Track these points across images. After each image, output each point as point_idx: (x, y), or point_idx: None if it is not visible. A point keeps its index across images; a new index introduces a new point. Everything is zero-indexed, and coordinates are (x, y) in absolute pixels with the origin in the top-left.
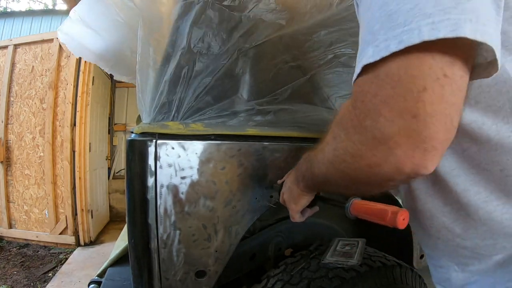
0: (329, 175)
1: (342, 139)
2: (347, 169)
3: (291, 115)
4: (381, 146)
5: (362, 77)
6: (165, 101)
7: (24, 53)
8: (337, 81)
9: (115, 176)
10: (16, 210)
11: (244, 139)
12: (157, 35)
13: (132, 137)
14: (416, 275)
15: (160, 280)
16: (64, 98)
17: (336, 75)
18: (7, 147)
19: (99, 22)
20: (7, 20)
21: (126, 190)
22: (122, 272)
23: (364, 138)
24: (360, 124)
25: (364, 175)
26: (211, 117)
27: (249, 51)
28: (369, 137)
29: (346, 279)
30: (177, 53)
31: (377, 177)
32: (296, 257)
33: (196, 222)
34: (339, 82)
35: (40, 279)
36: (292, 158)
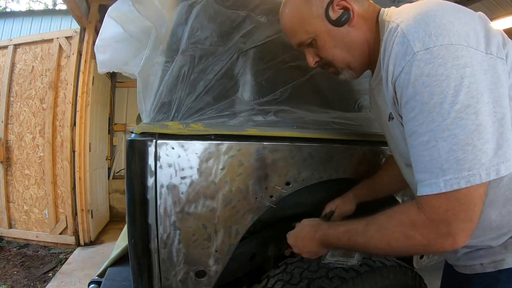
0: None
1: (416, 238)
2: (410, 250)
3: (291, 115)
4: (449, 238)
5: (434, 196)
6: (165, 101)
7: (24, 53)
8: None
9: (115, 176)
10: (16, 210)
11: (244, 139)
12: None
13: (132, 137)
14: (416, 275)
15: (160, 280)
16: (64, 98)
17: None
18: (7, 147)
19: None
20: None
21: (126, 190)
22: (122, 272)
23: (437, 236)
24: (436, 228)
25: (422, 252)
26: (211, 117)
27: (249, 51)
28: (441, 234)
29: (346, 279)
30: (178, 53)
31: (431, 251)
32: (296, 257)
33: (196, 222)
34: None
35: (40, 279)
36: (292, 158)
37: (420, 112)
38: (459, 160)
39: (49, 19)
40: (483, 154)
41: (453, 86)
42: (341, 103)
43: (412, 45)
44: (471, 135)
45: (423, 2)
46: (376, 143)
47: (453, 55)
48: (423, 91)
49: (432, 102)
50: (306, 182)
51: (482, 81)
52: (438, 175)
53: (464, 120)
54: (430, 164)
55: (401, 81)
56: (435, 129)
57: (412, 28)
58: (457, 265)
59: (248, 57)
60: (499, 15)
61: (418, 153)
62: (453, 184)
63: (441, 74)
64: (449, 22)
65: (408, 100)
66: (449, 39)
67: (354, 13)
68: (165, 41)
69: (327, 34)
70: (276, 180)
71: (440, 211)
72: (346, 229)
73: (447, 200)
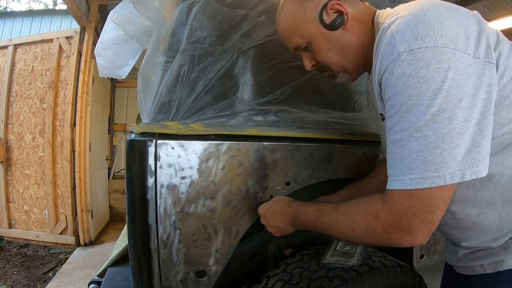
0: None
1: (376, 229)
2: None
3: (291, 115)
4: (407, 235)
5: (398, 192)
6: (165, 101)
7: (24, 53)
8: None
9: (115, 176)
10: (16, 210)
11: (244, 139)
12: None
13: (132, 137)
14: (416, 275)
15: (160, 280)
16: (64, 98)
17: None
18: (7, 147)
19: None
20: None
21: (126, 190)
22: (122, 272)
23: (396, 230)
24: (396, 223)
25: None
26: (211, 117)
27: (249, 51)
28: (400, 230)
29: (346, 279)
30: (177, 53)
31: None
32: (296, 257)
33: (196, 222)
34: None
35: (40, 279)
36: (292, 158)
37: (397, 111)
38: (426, 162)
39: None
40: (451, 158)
41: (432, 90)
42: (341, 103)
43: (398, 46)
44: (442, 139)
45: (417, 2)
46: (376, 143)
47: (437, 58)
48: (403, 92)
49: (409, 103)
50: (306, 182)
51: (464, 85)
52: (405, 173)
53: (438, 123)
54: (399, 161)
55: (384, 79)
56: (408, 128)
57: (400, 29)
58: (457, 266)
59: (248, 57)
60: (499, 15)
61: (391, 149)
62: (417, 183)
63: (422, 77)
64: (438, 23)
65: (389, 99)
66: (435, 41)
67: (348, 17)
68: (166, 41)
69: (321, 38)
70: (276, 180)
71: (401, 207)
72: (316, 208)
73: (410, 198)
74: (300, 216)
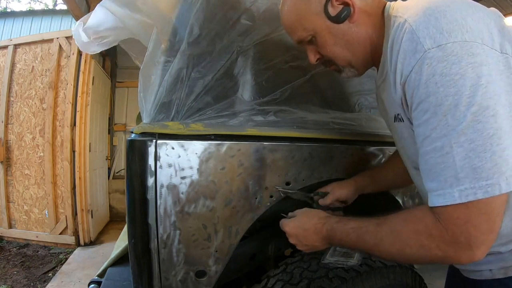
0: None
1: (431, 248)
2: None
3: (291, 115)
4: (468, 251)
5: (450, 208)
6: (165, 101)
7: (24, 53)
8: (337, 81)
9: (115, 176)
10: (16, 210)
11: (244, 139)
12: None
13: (132, 137)
14: (416, 275)
15: (160, 280)
16: (64, 98)
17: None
18: (7, 147)
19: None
20: (7, 20)
21: (126, 190)
22: (122, 272)
23: (455, 249)
24: (454, 240)
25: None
26: (211, 117)
27: (249, 50)
28: (460, 247)
29: (346, 279)
30: (177, 53)
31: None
32: (296, 257)
33: (196, 222)
34: (340, 82)
35: (40, 279)
36: (292, 158)
37: (433, 114)
38: (475, 169)
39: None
40: (503, 161)
41: (469, 86)
42: (341, 103)
43: (422, 42)
44: (489, 140)
45: None
46: (376, 143)
47: (468, 52)
48: (436, 92)
49: (446, 104)
50: (306, 182)
51: (499, 81)
52: (452, 185)
53: (482, 123)
54: (444, 172)
55: (411, 81)
56: (449, 133)
57: (421, 24)
58: (464, 269)
59: (248, 57)
60: None
61: (431, 160)
62: (468, 194)
63: (455, 73)
64: (462, 18)
65: (420, 102)
66: (463, 36)
67: (355, 9)
68: (166, 40)
69: (326, 31)
70: (276, 180)
71: (459, 222)
72: (357, 225)
73: (466, 210)
74: (337, 235)
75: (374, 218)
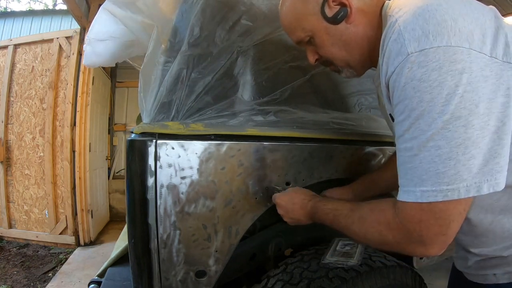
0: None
1: (388, 238)
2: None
3: (291, 115)
4: (421, 247)
5: (410, 204)
6: (165, 101)
7: (24, 53)
8: (337, 81)
9: (115, 176)
10: (16, 210)
11: (244, 139)
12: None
13: (132, 137)
14: (416, 275)
15: (160, 280)
16: (64, 98)
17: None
18: (7, 147)
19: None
20: (7, 20)
21: (126, 190)
22: (122, 272)
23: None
24: (408, 236)
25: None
26: (211, 117)
27: (249, 50)
28: (413, 242)
29: (346, 279)
30: (178, 53)
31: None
32: (296, 257)
33: (196, 222)
34: (340, 82)
35: (40, 279)
36: (292, 158)
37: (407, 117)
38: (439, 174)
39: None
40: (466, 170)
41: (445, 95)
42: (341, 103)
43: (406, 45)
44: (456, 149)
45: None
46: (376, 143)
47: (450, 59)
48: (413, 96)
49: (420, 109)
50: (306, 182)
51: (480, 89)
52: (416, 184)
53: (451, 132)
54: (411, 172)
55: (392, 82)
56: (419, 137)
57: (409, 25)
58: (468, 273)
59: (248, 57)
60: None
61: (401, 158)
62: (429, 196)
63: (434, 80)
64: (451, 19)
65: (398, 103)
66: (448, 40)
67: (352, 9)
68: (167, 41)
69: (324, 32)
70: (276, 180)
71: (413, 220)
72: (334, 207)
73: (421, 211)
74: (318, 212)
75: (350, 204)
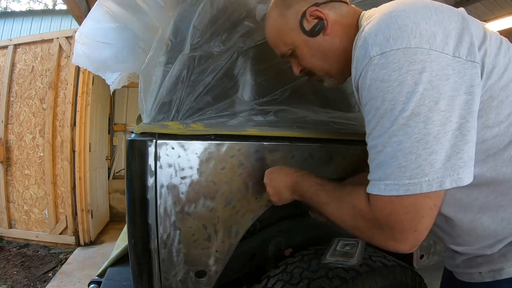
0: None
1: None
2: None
3: (291, 115)
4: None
5: (378, 197)
6: (165, 101)
7: (24, 53)
8: None
9: (115, 176)
10: (16, 210)
11: (244, 139)
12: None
13: (132, 137)
14: (416, 275)
15: (160, 280)
16: (64, 98)
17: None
18: (7, 147)
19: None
20: (7, 20)
21: (126, 190)
22: (122, 272)
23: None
24: (379, 226)
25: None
26: (211, 117)
27: (249, 51)
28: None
29: (346, 279)
30: (179, 53)
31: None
32: (296, 257)
33: (196, 222)
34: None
35: (40, 279)
36: (291, 158)
37: (373, 117)
38: (400, 168)
39: (49, 19)
40: (427, 164)
41: (405, 93)
42: (341, 103)
43: (370, 50)
44: (416, 144)
45: (396, 1)
46: None
47: (409, 60)
48: (376, 96)
49: (383, 108)
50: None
51: (441, 87)
52: (380, 178)
53: (411, 128)
54: (377, 167)
55: (359, 84)
56: (383, 134)
57: (373, 32)
58: (456, 271)
59: (248, 57)
60: (499, 15)
61: (370, 155)
62: (392, 189)
63: (394, 80)
64: (413, 23)
65: (365, 104)
66: (408, 42)
67: (329, 22)
68: (168, 41)
69: (304, 45)
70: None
71: (383, 212)
72: (319, 181)
73: (391, 204)
74: (303, 183)
75: (335, 183)
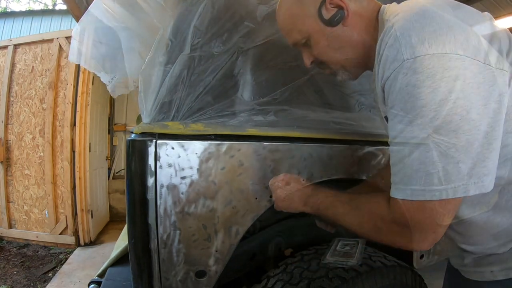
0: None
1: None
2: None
3: (291, 115)
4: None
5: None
6: (165, 101)
7: (24, 53)
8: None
9: (115, 176)
10: (16, 210)
11: (244, 139)
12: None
13: (132, 137)
14: (416, 275)
15: (160, 280)
16: (64, 98)
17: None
18: (7, 147)
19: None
20: (7, 20)
21: (126, 190)
22: (122, 272)
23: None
24: (400, 229)
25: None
26: (211, 117)
27: (249, 51)
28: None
29: (346, 279)
30: (179, 54)
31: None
32: (296, 257)
33: (196, 222)
34: (340, 81)
35: (40, 279)
36: (292, 158)
37: (400, 120)
38: (428, 175)
39: (49, 19)
40: (454, 172)
41: (438, 100)
42: (341, 103)
43: (402, 51)
44: (445, 153)
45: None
46: (376, 143)
47: (444, 66)
48: (407, 101)
49: (413, 114)
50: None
51: (473, 95)
52: (407, 183)
53: (442, 136)
54: (402, 171)
55: (388, 86)
56: (411, 139)
57: (405, 31)
58: (466, 270)
59: (248, 57)
60: (499, 15)
61: (394, 158)
62: (419, 195)
63: (428, 86)
64: (447, 27)
65: (392, 107)
66: (443, 47)
67: (349, 12)
68: (168, 41)
69: (320, 34)
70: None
71: (405, 216)
72: (334, 192)
73: (412, 208)
74: (318, 195)
75: (348, 193)
